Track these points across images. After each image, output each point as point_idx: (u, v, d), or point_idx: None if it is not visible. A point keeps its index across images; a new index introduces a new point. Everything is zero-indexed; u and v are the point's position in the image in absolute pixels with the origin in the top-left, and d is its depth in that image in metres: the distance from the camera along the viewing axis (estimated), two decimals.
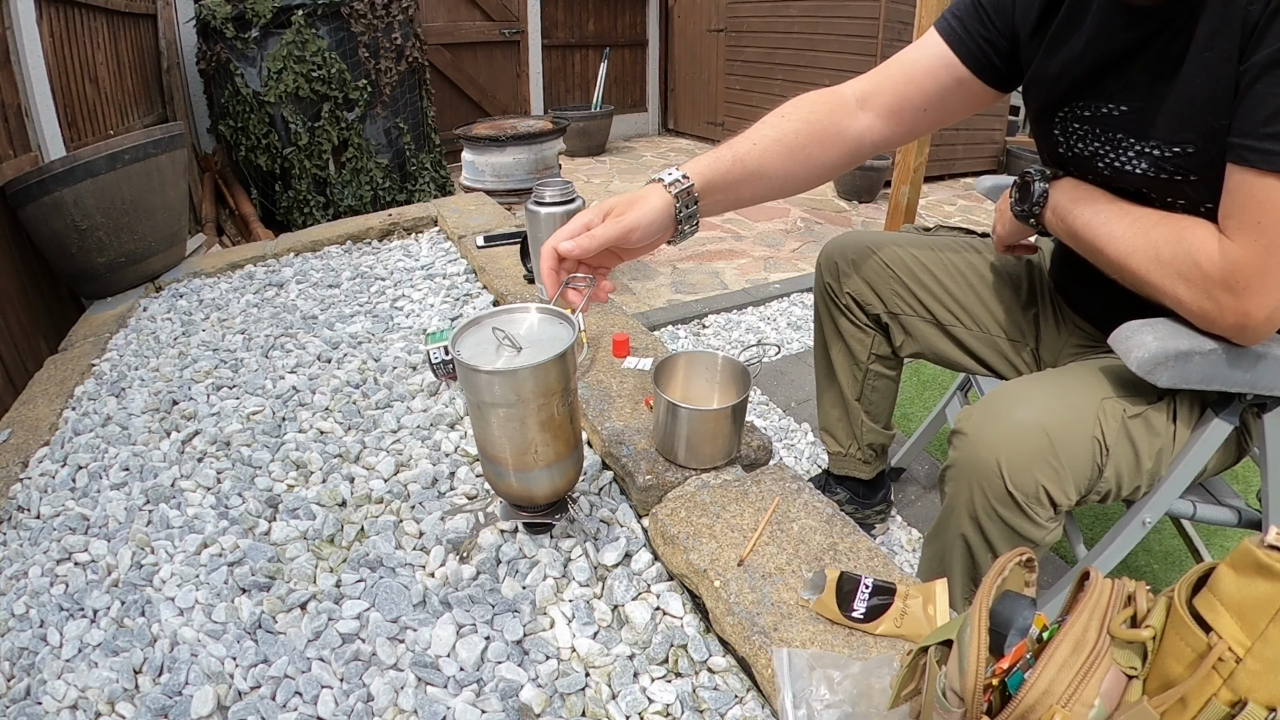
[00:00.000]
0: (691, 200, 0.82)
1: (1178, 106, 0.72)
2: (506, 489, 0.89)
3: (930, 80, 0.92)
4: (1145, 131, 0.76)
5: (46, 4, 2.30)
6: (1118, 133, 0.78)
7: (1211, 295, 0.71)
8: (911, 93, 0.93)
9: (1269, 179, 0.65)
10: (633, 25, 6.07)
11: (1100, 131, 0.81)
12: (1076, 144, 0.85)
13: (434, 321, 1.68)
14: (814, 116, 0.91)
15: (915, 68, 0.93)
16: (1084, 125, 0.83)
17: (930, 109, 0.94)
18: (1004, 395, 0.81)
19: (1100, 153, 0.81)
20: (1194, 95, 0.70)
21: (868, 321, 1.20)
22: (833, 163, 0.93)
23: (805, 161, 0.91)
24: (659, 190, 0.80)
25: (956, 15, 0.92)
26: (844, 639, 0.76)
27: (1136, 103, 0.76)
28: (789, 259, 3.17)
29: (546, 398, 0.80)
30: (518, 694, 0.78)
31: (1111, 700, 0.48)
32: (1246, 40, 0.65)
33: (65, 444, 1.30)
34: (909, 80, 0.93)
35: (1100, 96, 0.80)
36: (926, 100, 0.93)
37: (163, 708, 0.79)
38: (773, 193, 0.92)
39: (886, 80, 0.94)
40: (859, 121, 0.93)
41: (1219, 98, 0.68)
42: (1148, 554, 1.46)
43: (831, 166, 0.94)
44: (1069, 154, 0.86)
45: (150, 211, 2.02)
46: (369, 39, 3.52)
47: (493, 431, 0.82)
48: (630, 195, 0.81)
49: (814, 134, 0.90)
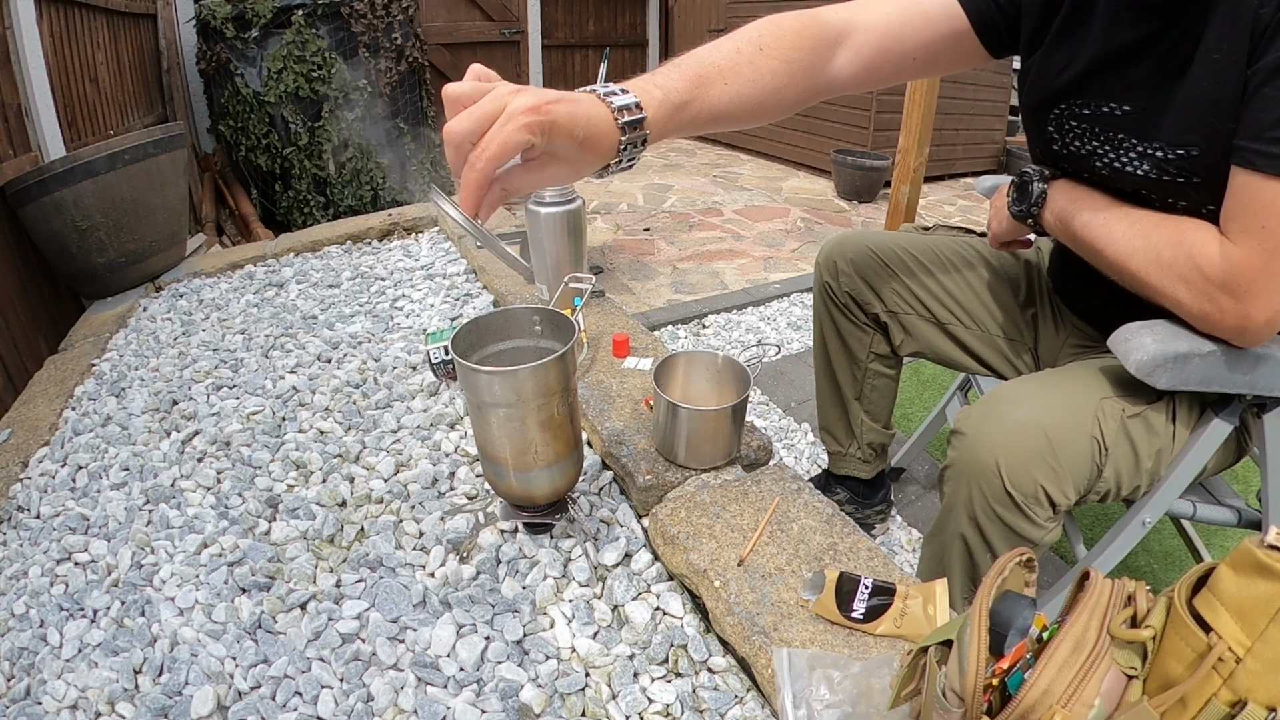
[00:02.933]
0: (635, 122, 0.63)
1: (1183, 108, 0.71)
2: (506, 489, 0.89)
3: (928, 28, 0.86)
4: (1148, 133, 0.75)
5: (46, 4, 2.30)
6: (1119, 133, 0.78)
7: (1212, 298, 0.70)
8: (906, 36, 0.85)
9: (1274, 183, 0.64)
10: (633, 25, 6.08)
11: (1100, 130, 0.80)
12: (1073, 141, 0.84)
13: (434, 321, 1.68)
14: (795, 56, 0.78)
15: (916, 10, 0.85)
16: (1082, 123, 0.82)
17: (919, 58, 0.87)
18: (1003, 395, 0.81)
19: (1099, 152, 0.80)
20: (1200, 97, 0.69)
21: (867, 320, 1.20)
22: (790, 103, 0.81)
23: (771, 103, 0.78)
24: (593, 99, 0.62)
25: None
26: (844, 639, 0.76)
27: (1140, 103, 0.75)
28: (789, 259, 3.17)
29: (546, 398, 0.80)
30: (518, 694, 0.78)
31: (1111, 700, 0.48)
32: (1256, 43, 0.64)
33: (65, 444, 1.29)
34: (905, 22, 0.85)
35: (1102, 95, 0.79)
36: (917, 48, 0.86)
37: (163, 708, 0.79)
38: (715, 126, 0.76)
39: (880, 17, 0.84)
40: (834, 61, 0.83)
41: (1226, 100, 0.67)
42: (1148, 554, 1.46)
43: (788, 107, 0.82)
44: (1064, 151, 0.85)
45: (150, 211, 2.02)
46: (369, 39, 3.52)
47: (493, 432, 0.82)
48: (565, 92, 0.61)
49: (790, 75, 0.78)
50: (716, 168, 5.05)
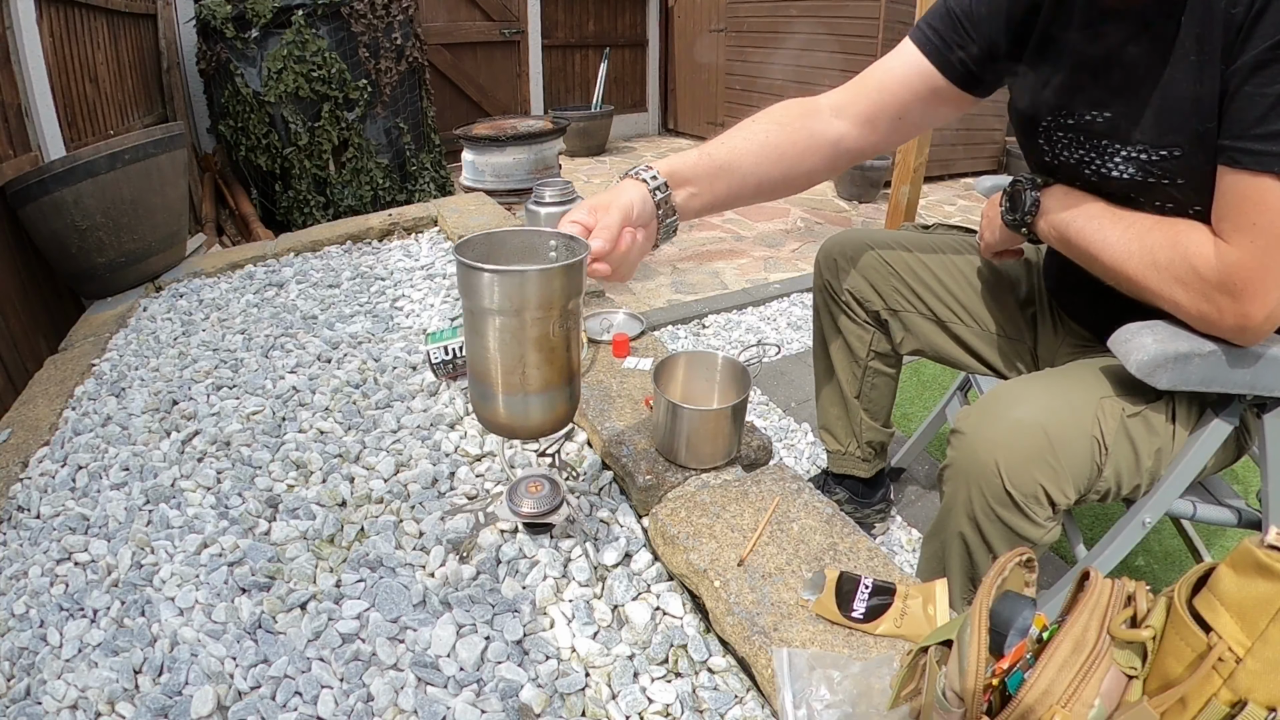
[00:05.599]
0: (661, 187, 0.84)
1: (1162, 110, 0.72)
2: (492, 416, 0.84)
3: (904, 89, 0.93)
4: (1129, 136, 0.75)
5: (46, 4, 2.30)
6: (1102, 139, 0.79)
7: (1210, 299, 0.71)
8: (886, 100, 0.94)
9: (1262, 180, 0.65)
10: (633, 25, 6.08)
11: (1085, 139, 0.81)
12: (1062, 152, 0.85)
13: (434, 321, 1.68)
14: (785, 119, 0.93)
15: (889, 76, 0.94)
16: (1068, 134, 0.83)
17: (907, 116, 0.95)
18: (1002, 395, 0.81)
19: (1086, 159, 0.81)
20: (1179, 98, 0.70)
21: (867, 318, 1.20)
22: (811, 167, 0.94)
23: (779, 161, 0.91)
24: (628, 181, 0.84)
25: (931, 24, 0.92)
26: (844, 639, 0.76)
27: (1119, 108, 0.76)
28: (789, 259, 3.17)
29: (545, 310, 0.76)
30: (518, 694, 0.78)
31: (1111, 700, 0.48)
32: (1231, 43, 0.64)
33: (65, 444, 1.29)
34: (882, 89, 0.94)
35: (1083, 104, 0.80)
36: (902, 108, 0.94)
37: (163, 708, 0.79)
38: (750, 192, 0.92)
39: (860, 90, 0.95)
40: (833, 127, 0.94)
41: (1205, 100, 0.68)
42: (1148, 554, 1.46)
43: (811, 171, 0.95)
44: (1055, 162, 0.87)
45: (150, 211, 2.02)
46: (369, 39, 3.52)
47: (484, 343, 0.78)
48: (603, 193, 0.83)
49: (786, 135, 0.91)
50: None
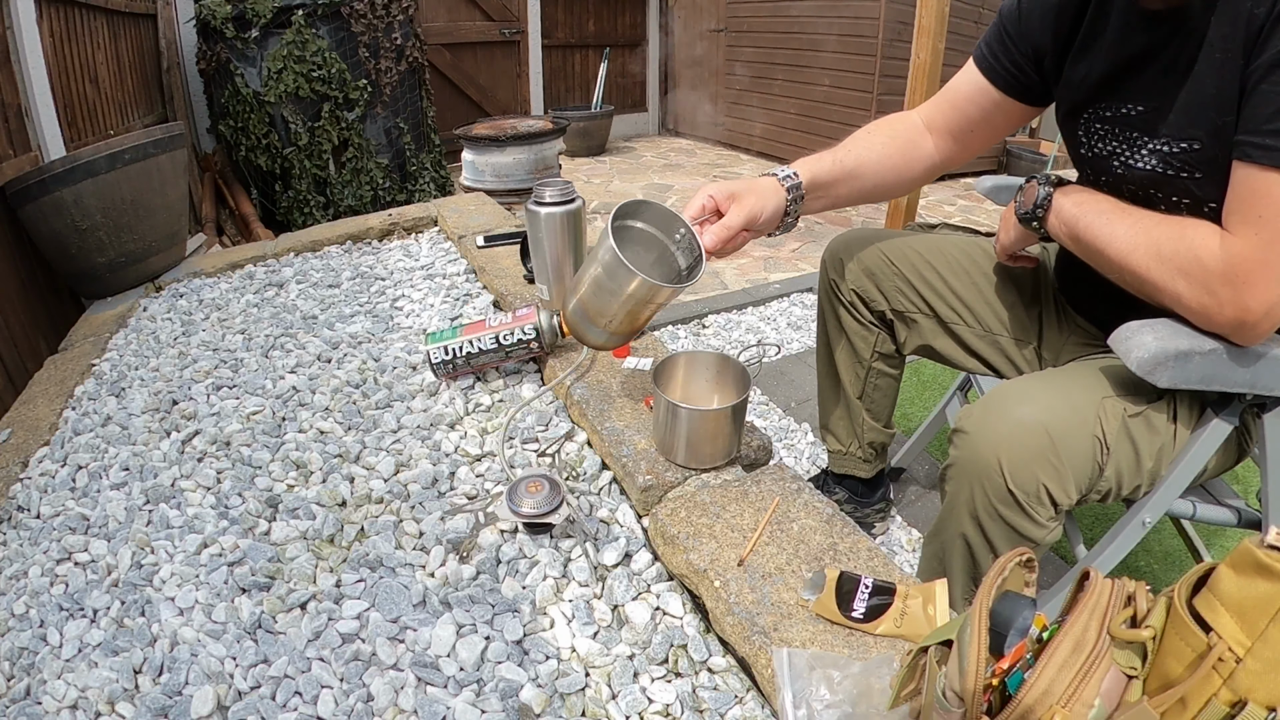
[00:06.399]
0: (799, 195, 0.98)
1: (1188, 104, 0.74)
2: (565, 312, 1.05)
3: (972, 105, 1.03)
4: (1157, 129, 0.78)
5: (46, 4, 2.30)
6: (1133, 131, 0.81)
7: (1211, 289, 0.71)
8: (958, 118, 1.05)
9: (1270, 174, 0.66)
10: (633, 25, 6.08)
11: (1119, 131, 0.83)
12: (1097, 144, 0.87)
13: (434, 321, 1.68)
14: (895, 132, 1.07)
15: (958, 95, 1.04)
16: (1104, 125, 0.85)
17: (977, 130, 1.05)
18: (1005, 394, 0.81)
19: (1117, 152, 0.84)
20: (1203, 94, 0.72)
21: (871, 318, 1.20)
22: (915, 175, 1.09)
23: (892, 170, 1.06)
24: (774, 184, 0.97)
25: (988, 43, 0.99)
26: (844, 639, 0.76)
27: (1152, 102, 0.78)
28: (789, 259, 3.17)
29: (642, 305, 0.94)
30: (518, 694, 0.78)
31: (1111, 700, 0.48)
32: (1252, 42, 0.67)
33: (65, 444, 1.29)
34: (954, 107, 1.05)
35: (1120, 98, 0.82)
36: (972, 123, 1.04)
37: (163, 708, 0.79)
38: (865, 196, 1.07)
39: (939, 108, 1.07)
40: (928, 140, 1.08)
41: (1226, 96, 0.70)
42: (1148, 554, 1.46)
43: (914, 179, 1.09)
44: (1089, 154, 0.89)
45: (150, 211, 2.02)
46: (369, 39, 3.52)
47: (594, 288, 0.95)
48: (748, 181, 0.96)
49: (898, 147, 1.06)
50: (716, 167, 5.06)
